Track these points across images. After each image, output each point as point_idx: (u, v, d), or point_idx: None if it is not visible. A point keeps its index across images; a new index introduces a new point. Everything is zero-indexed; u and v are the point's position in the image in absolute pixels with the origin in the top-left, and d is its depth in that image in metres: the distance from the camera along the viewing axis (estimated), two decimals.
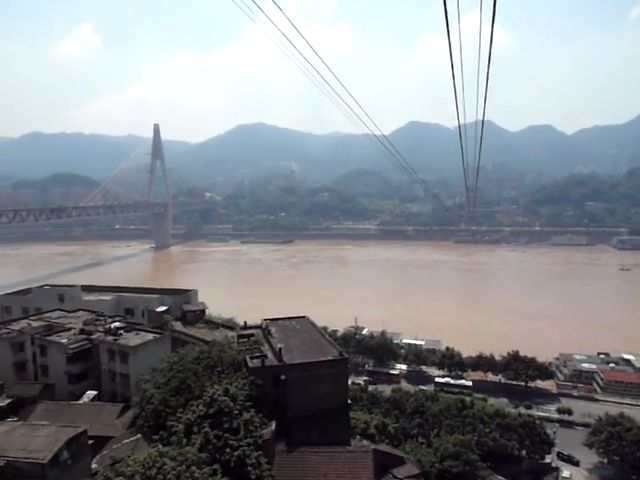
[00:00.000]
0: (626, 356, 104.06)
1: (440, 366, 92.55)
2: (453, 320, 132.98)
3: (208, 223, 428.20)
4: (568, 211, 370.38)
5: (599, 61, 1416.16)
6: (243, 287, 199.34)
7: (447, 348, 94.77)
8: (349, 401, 38.13)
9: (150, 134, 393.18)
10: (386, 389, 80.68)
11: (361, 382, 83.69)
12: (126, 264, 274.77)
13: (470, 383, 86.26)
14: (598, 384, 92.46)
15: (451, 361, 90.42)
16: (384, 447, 39.12)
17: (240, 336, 42.22)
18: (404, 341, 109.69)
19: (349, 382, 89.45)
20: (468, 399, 64.62)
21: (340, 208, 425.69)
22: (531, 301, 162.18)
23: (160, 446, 26.59)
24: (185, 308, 59.32)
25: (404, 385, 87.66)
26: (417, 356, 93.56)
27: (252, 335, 42.09)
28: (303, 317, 47.33)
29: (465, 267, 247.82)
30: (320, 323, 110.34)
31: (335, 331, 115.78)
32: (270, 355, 37.07)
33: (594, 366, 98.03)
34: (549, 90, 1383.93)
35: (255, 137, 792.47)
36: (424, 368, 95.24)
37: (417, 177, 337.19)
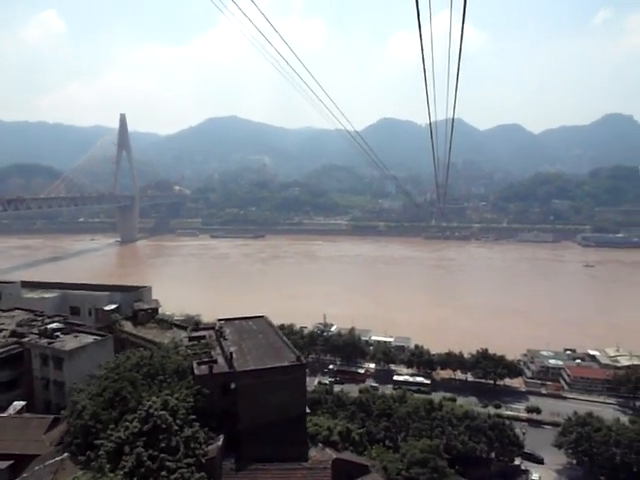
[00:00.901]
0: (592, 352, 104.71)
1: (409, 364, 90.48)
2: (422, 316, 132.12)
3: (177, 217, 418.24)
4: (535, 208, 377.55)
5: (566, 64, 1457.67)
6: (208, 283, 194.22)
7: (416, 346, 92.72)
8: (308, 410, 34.76)
9: (117, 123, 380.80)
10: (353, 389, 77.99)
11: (327, 382, 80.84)
12: (88, 259, 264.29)
13: (429, 381, 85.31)
14: (565, 380, 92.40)
15: (420, 359, 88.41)
16: (348, 455, 36.22)
17: (190, 338, 38.37)
18: (373, 338, 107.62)
19: (315, 382, 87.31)
20: (437, 400, 62.35)
21: (312, 203, 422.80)
22: (498, 297, 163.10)
23: (80, 473, 22.60)
24: (136, 307, 54.77)
25: (371, 384, 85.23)
26: (385, 354, 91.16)
27: (203, 337, 38.26)
28: (261, 317, 43.74)
29: (434, 263, 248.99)
30: (287, 319, 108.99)
31: (304, 328, 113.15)
32: (221, 360, 33.36)
33: (561, 362, 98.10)
34: (518, 90, 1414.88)
35: (227, 130, 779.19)
36: (393, 366, 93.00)
37: (389, 173, 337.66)
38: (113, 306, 53.76)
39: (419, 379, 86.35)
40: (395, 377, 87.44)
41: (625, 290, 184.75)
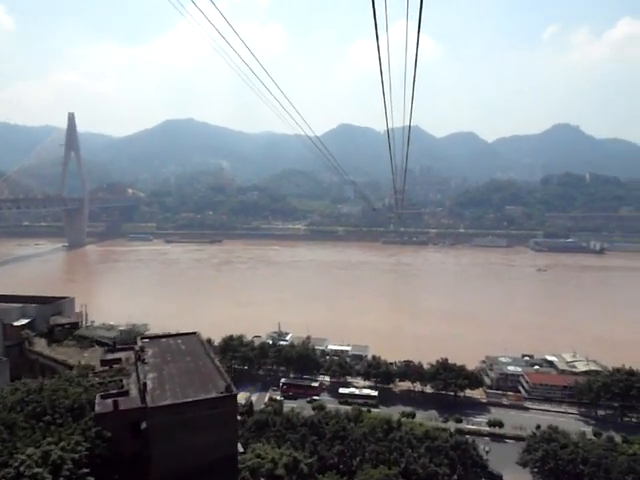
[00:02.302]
0: (549, 357, 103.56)
1: (366, 376, 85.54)
2: (378, 323, 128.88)
3: (130, 221, 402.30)
4: (489, 214, 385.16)
5: (518, 76, 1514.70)
6: (156, 290, 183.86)
7: (373, 357, 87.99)
8: (241, 449, 28.92)
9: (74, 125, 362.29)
10: (306, 406, 72.46)
11: (278, 398, 74.79)
12: (28, 265, 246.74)
13: (376, 393, 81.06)
14: (524, 387, 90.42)
15: (377, 371, 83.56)
16: None
17: (102, 362, 31.75)
18: (330, 347, 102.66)
19: (266, 398, 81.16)
20: (395, 416, 57.69)
21: (270, 208, 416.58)
22: (454, 301, 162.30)
23: None
24: (53, 321, 47.22)
25: (326, 399, 79.89)
26: (341, 366, 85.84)
27: (118, 361, 31.77)
28: (193, 334, 37.55)
29: (390, 268, 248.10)
30: (239, 328, 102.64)
31: (257, 337, 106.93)
32: (135, 391, 27.10)
33: (519, 369, 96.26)
34: (473, 100, 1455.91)
35: (184, 133, 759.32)
36: (349, 379, 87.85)
37: (348, 178, 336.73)
38: (24, 321, 46.06)
39: (365, 392, 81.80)
40: (341, 390, 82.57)
41: (576, 293, 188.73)
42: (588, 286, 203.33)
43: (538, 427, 63.18)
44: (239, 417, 54.93)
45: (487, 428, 68.77)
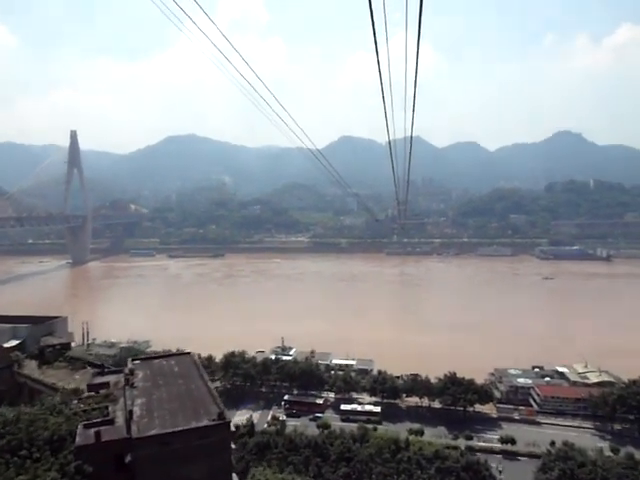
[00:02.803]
0: (560, 369, 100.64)
1: (372, 392, 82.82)
2: (382, 335, 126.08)
3: (133, 237, 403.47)
4: (493, 223, 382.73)
5: (518, 83, 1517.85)
6: (155, 306, 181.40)
7: (379, 372, 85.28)
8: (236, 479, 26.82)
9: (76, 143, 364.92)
10: (310, 425, 69.99)
11: (280, 417, 72.33)
12: (31, 283, 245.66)
13: (379, 409, 78.38)
14: (535, 401, 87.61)
15: (383, 386, 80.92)
16: None
17: (90, 387, 29.86)
18: (334, 362, 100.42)
19: (269, 416, 78.74)
20: (402, 438, 55.19)
21: (273, 221, 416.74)
22: (459, 312, 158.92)
23: None
24: (44, 342, 45.40)
25: (330, 416, 77.28)
26: (346, 382, 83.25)
27: (107, 385, 29.88)
28: (187, 354, 35.65)
29: (393, 279, 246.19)
30: (241, 343, 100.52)
31: (260, 352, 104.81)
32: (121, 419, 25.19)
33: (529, 381, 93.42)
34: (474, 109, 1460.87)
35: (186, 149, 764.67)
36: (354, 394, 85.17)
37: (350, 191, 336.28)
38: (14, 342, 44.31)
39: (368, 408, 79.09)
40: (342, 406, 79.95)
41: (583, 301, 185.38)
42: (596, 294, 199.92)
43: (553, 443, 60.44)
44: (240, 439, 52.78)
45: (499, 445, 65.90)
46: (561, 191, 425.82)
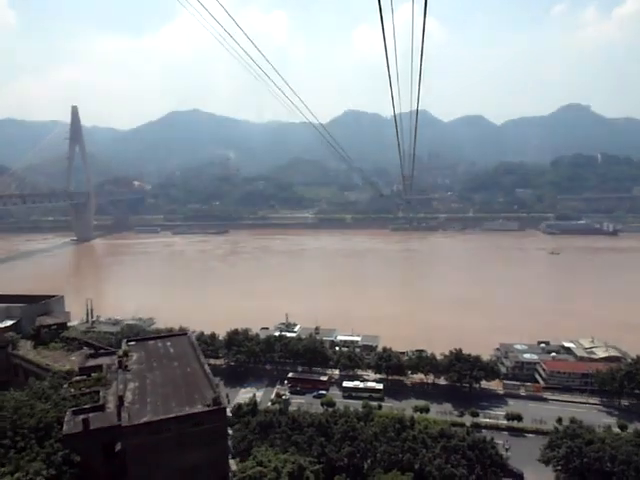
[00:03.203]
0: (566, 344, 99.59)
1: (377, 369, 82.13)
2: (387, 311, 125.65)
3: (137, 214, 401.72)
4: (499, 198, 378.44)
5: (525, 56, 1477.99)
6: (159, 283, 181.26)
7: (384, 349, 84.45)
8: (233, 466, 25.67)
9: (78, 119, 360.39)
10: (314, 402, 69.54)
11: (284, 395, 71.74)
12: (35, 260, 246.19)
13: (381, 386, 77.60)
14: (541, 376, 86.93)
15: (388, 363, 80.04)
16: None
17: (82, 370, 28.64)
18: (339, 338, 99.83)
19: (273, 394, 78.32)
20: (407, 416, 54.31)
21: (277, 197, 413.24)
22: (465, 288, 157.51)
23: None
24: (39, 322, 44.28)
25: (335, 393, 76.73)
26: (350, 359, 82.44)
27: (99, 368, 28.64)
28: (184, 334, 34.34)
29: (397, 255, 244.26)
30: (244, 320, 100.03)
31: (265, 329, 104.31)
32: (113, 405, 23.96)
33: (535, 356, 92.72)
34: (480, 82, 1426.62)
35: (190, 124, 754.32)
36: (359, 372, 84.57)
37: (355, 166, 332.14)
38: (9, 322, 43.23)
39: (370, 384, 78.37)
40: (345, 384, 79.22)
41: (590, 276, 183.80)
42: (602, 269, 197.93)
43: (559, 420, 59.57)
44: (243, 418, 52.13)
45: (505, 422, 65.17)
46: (568, 165, 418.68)
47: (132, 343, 32.30)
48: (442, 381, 79.61)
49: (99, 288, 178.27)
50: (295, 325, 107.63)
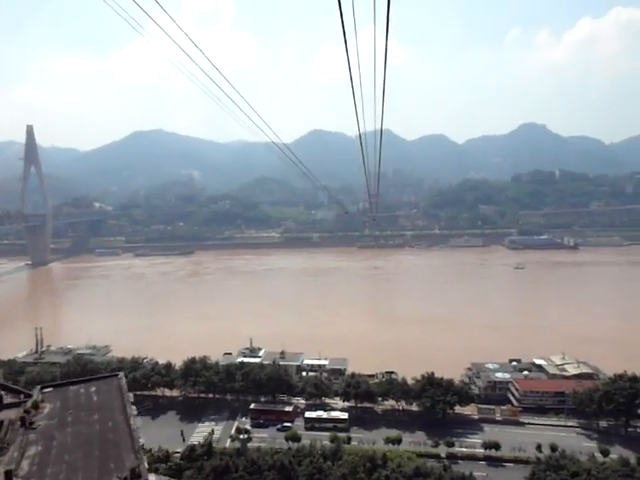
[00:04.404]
0: (537, 361, 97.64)
1: (345, 397, 77.19)
2: (354, 331, 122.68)
3: (98, 236, 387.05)
4: (463, 214, 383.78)
5: (484, 78, 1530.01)
6: (116, 308, 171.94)
7: (352, 375, 79.74)
8: None
9: (38, 139, 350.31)
10: (278, 436, 64.10)
11: (241, 435, 65.72)
12: None
13: (346, 415, 72.77)
14: (514, 395, 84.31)
15: (357, 390, 75.32)
16: None
17: None
18: (306, 362, 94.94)
19: (233, 429, 71.92)
20: (379, 453, 49.76)
21: (243, 216, 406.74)
22: (432, 306, 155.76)
23: None
24: None
25: (300, 425, 71.31)
26: (317, 387, 77.25)
27: None
28: (115, 376, 28.91)
29: (362, 273, 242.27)
30: (204, 345, 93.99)
31: (228, 354, 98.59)
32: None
33: (507, 375, 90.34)
34: (441, 102, 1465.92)
35: (153, 144, 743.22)
36: (326, 400, 79.30)
37: (320, 184, 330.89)
38: None
39: (334, 414, 73.24)
40: (307, 414, 73.77)
41: (554, 290, 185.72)
42: (566, 282, 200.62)
43: (539, 447, 56.33)
44: (195, 462, 46.35)
45: (482, 451, 61.30)
46: (527, 181, 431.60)
47: (48, 389, 26.70)
48: (414, 407, 75.29)
49: (53, 315, 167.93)
50: (260, 350, 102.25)
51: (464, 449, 62.09)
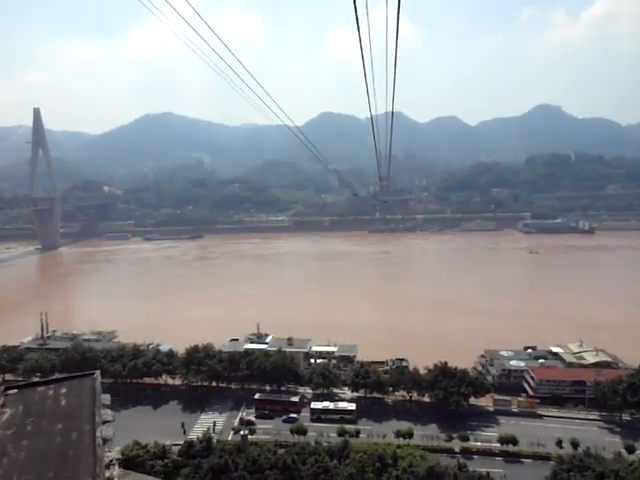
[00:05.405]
0: (554, 349, 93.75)
1: (354, 387, 74.01)
2: (365, 316, 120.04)
3: (107, 220, 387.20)
4: (476, 198, 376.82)
5: (497, 58, 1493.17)
6: (123, 292, 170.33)
7: (362, 364, 76.52)
8: None
9: (45, 123, 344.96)
10: (283, 428, 61.35)
11: (249, 419, 63.30)
12: None
13: (353, 406, 69.79)
14: (529, 384, 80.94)
15: (366, 380, 72.00)
16: None
17: None
18: (314, 349, 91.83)
19: (236, 421, 69.50)
20: (389, 451, 46.68)
21: (252, 200, 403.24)
22: (444, 292, 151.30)
23: None
24: None
25: (307, 416, 68.47)
26: (324, 376, 74.04)
27: None
28: (89, 375, 25.68)
29: (373, 257, 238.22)
30: (209, 331, 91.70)
31: (234, 340, 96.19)
32: None
33: (522, 363, 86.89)
34: (454, 84, 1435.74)
35: (163, 128, 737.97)
36: (335, 390, 76.20)
37: (331, 167, 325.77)
38: None
39: (342, 405, 70.39)
40: (313, 405, 70.97)
41: (570, 276, 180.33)
42: (582, 268, 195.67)
43: (559, 443, 52.85)
44: (193, 460, 43.64)
45: (499, 445, 57.85)
46: (542, 164, 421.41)
47: (13, 391, 23.53)
48: (426, 398, 71.92)
49: (61, 300, 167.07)
50: (267, 336, 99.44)
51: (479, 444, 58.74)
